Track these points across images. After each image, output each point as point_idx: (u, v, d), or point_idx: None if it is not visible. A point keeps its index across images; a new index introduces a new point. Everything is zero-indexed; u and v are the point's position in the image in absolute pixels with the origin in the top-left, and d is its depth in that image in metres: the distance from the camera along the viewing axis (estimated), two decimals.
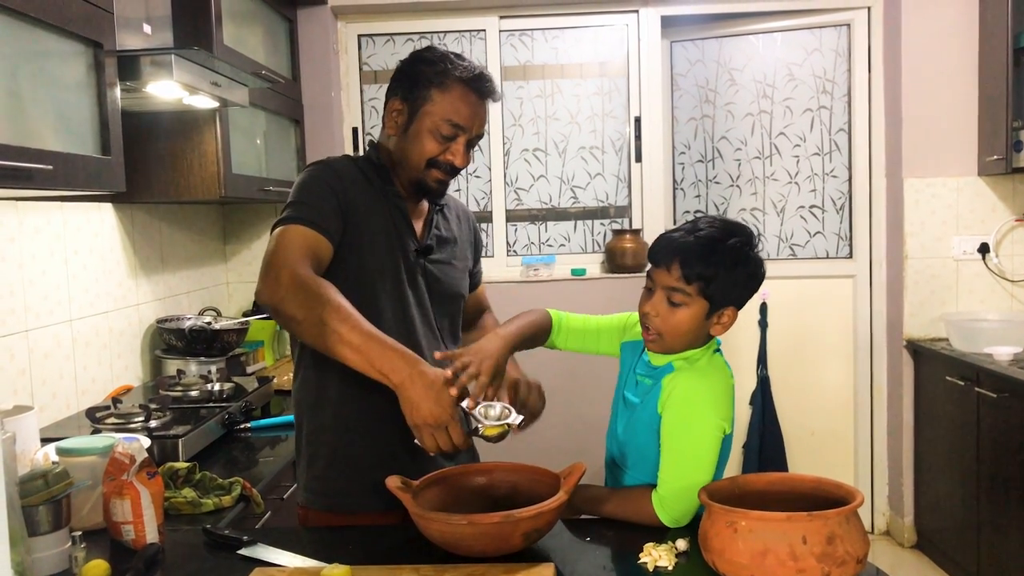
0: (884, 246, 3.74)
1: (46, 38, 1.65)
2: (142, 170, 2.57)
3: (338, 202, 1.56)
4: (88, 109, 1.80)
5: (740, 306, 1.49)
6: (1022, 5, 3.20)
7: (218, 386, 2.50)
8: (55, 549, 1.36)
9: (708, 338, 1.50)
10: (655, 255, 1.48)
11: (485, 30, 3.76)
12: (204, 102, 2.41)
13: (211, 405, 2.35)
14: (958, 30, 3.49)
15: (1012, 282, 3.57)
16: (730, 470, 1.52)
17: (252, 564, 1.34)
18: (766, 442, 3.84)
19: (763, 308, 3.88)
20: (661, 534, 1.40)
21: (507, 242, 3.85)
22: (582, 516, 1.52)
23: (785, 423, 3.88)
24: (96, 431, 2.02)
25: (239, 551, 1.40)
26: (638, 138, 3.78)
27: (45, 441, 1.80)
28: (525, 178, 3.83)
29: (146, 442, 1.79)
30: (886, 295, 3.73)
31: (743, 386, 3.87)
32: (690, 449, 1.42)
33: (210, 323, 2.82)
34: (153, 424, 2.06)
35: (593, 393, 3.11)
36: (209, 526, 1.50)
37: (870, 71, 3.72)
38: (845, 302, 3.86)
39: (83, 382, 2.41)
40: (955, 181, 3.56)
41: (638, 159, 3.80)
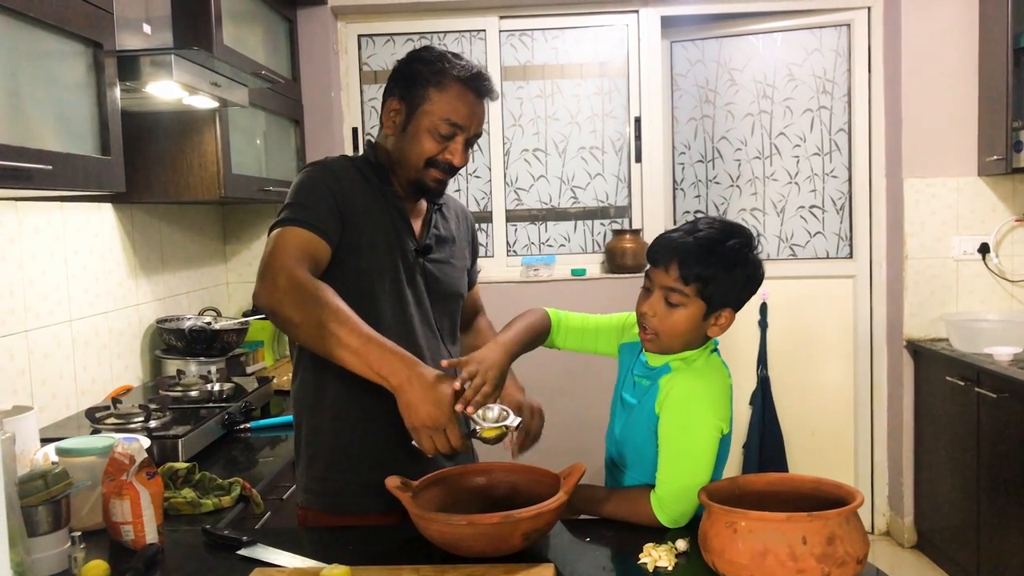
0: (884, 246, 3.73)
1: (46, 38, 1.65)
2: (142, 170, 2.57)
3: (335, 203, 1.55)
4: (88, 109, 1.80)
5: (738, 308, 1.49)
6: (1022, 5, 3.20)
7: (218, 386, 2.50)
8: (54, 549, 1.36)
9: (706, 339, 1.50)
10: (653, 255, 1.48)
11: (485, 30, 3.76)
12: (204, 102, 2.41)
13: (211, 405, 2.35)
14: (958, 30, 3.49)
15: (1012, 282, 3.57)
16: (730, 470, 1.52)
17: (252, 564, 1.35)
18: (766, 442, 3.84)
19: (763, 308, 3.88)
20: (661, 534, 1.40)
21: (507, 242, 3.85)
22: (582, 516, 1.52)
23: (785, 423, 3.88)
24: (96, 431, 2.02)
25: (239, 551, 1.40)
26: (638, 138, 3.78)
27: (45, 441, 1.81)
28: (525, 178, 3.83)
29: (146, 442, 1.79)
30: (886, 295, 3.73)
31: (743, 386, 3.87)
32: (688, 450, 1.42)
33: (210, 323, 2.82)
34: (153, 424, 2.06)
35: (593, 393, 3.11)
36: (209, 526, 1.50)
37: (870, 71, 3.72)
38: (845, 302, 3.86)
39: (83, 382, 2.41)
40: (955, 181, 3.56)
41: (638, 159, 3.80)
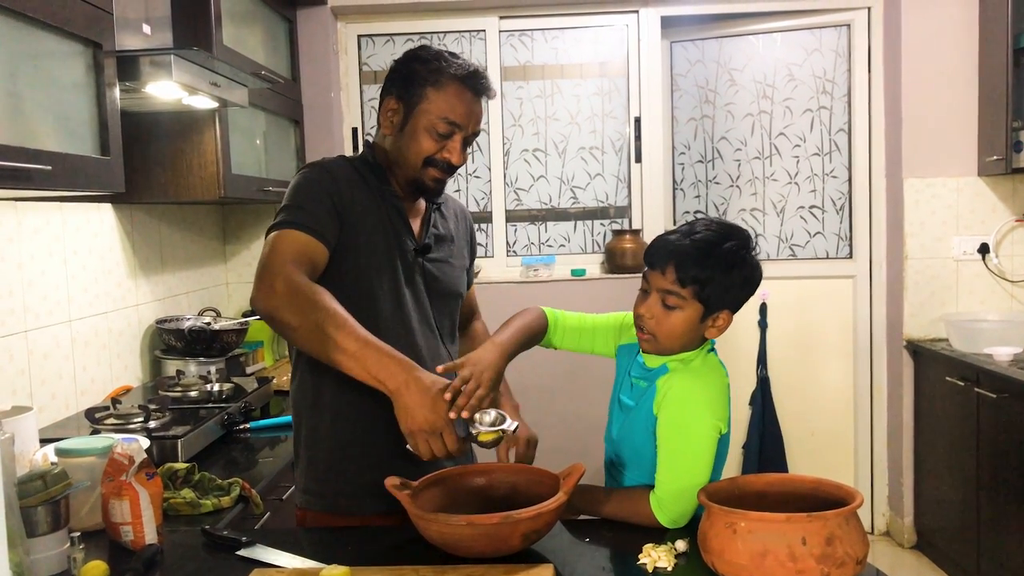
0: (884, 246, 3.73)
1: (45, 38, 1.65)
2: (141, 170, 2.57)
3: (333, 204, 1.55)
4: (87, 109, 1.80)
5: (736, 309, 1.48)
6: (1022, 5, 3.20)
7: (217, 387, 2.50)
8: (54, 550, 1.36)
9: (703, 340, 1.50)
10: (651, 257, 1.48)
11: (485, 30, 3.76)
12: (203, 102, 2.41)
13: (210, 406, 2.35)
14: (958, 30, 3.49)
15: (1012, 282, 3.57)
16: (730, 470, 1.51)
17: (251, 565, 1.34)
18: (766, 442, 3.84)
19: (763, 308, 3.88)
20: (660, 535, 1.40)
21: (507, 242, 3.85)
22: (581, 517, 1.52)
23: (785, 423, 3.88)
24: (95, 432, 2.02)
25: (238, 552, 1.40)
26: (638, 138, 3.78)
27: (44, 442, 1.80)
28: (525, 178, 3.83)
29: (145, 443, 1.79)
30: (886, 295, 3.73)
31: (743, 386, 3.87)
32: (686, 450, 1.42)
33: (209, 323, 2.82)
34: (152, 425, 2.06)
35: (593, 393, 3.11)
36: (208, 527, 1.50)
37: (870, 71, 3.72)
38: (845, 302, 3.85)
39: (82, 382, 2.41)
40: (955, 181, 3.56)
41: (638, 159, 3.80)
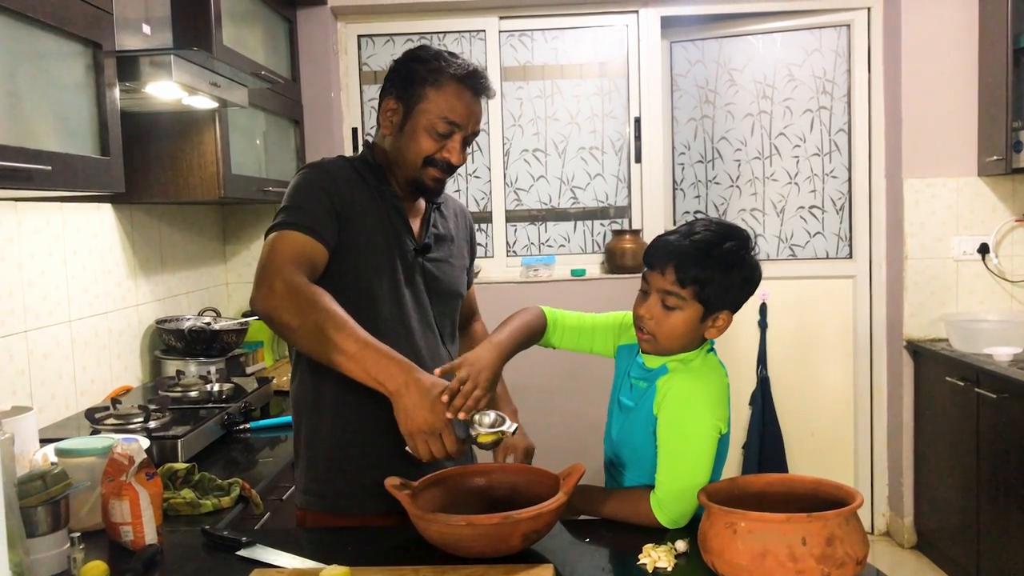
0: (884, 246, 3.73)
1: (45, 38, 1.65)
2: (141, 171, 2.57)
3: (332, 204, 1.55)
4: (87, 110, 1.80)
5: (736, 309, 1.49)
6: (1022, 5, 3.20)
7: (217, 387, 2.50)
8: (54, 550, 1.36)
9: (703, 340, 1.50)
10: (650, 258, 1.48)
11: (485, 30, 3.76)
12: (203, 102, 2.41)
13: (210, 406, 2.35)
14: (958, 30, 3.49)
15: (1012, 282, 3.57)
16: (729, 471, 1.52)
17: (251, 565, 1.34)
18: (766, 443, 3.84)
19: (763, 309, 3.88)
20: (660, 535, 1.40)
21: (507, 243, 3.85)
22: (581, 517, 1.52)
23: (785, 424, 3.88)
24: (95, 432, 2.02)
25: (238, 552, 1.40)
26: (638, 138, 3.78)
27: (44, 442, 1.81)
28: (525, 178, 3.83)
29: (145, 443, 1.79)
30: (886, 296, 3.73)
31: (743, 387, 3.87)
32: (687, 450, 1.42)
33: (209, 324, 2.82)
34: (152, 425, 2.06)
35: (592, 393, 3.10)
36: (208, 527, 1.50)
37: (870, 71, 3.72)
38: (845, 303, 3.85)
39: (82, 383, 2.41)
40: (955, 181, 3.56)
41: (638, 159, 3.80)
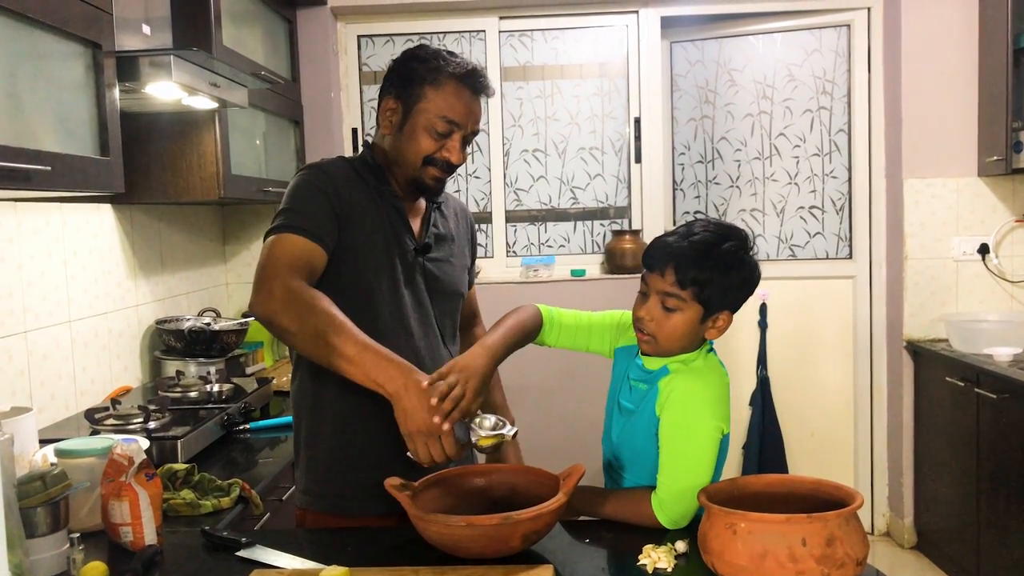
0: (884, 247, 3.73)
1: (45, 39, 1.65)
2: (141, 171, 2.57)
3: (331, 206, 1.54)
4: (87, 110, 1.80)
5: (735, 310, 1.49)
6: (1022, 5, 3.20)
7: (217, 387, 2.50)
8: (53, 551, 1.36)
9: (703, 341, 1.50)
10: (649, 259, 1.48)
11: (485, 31, 3.76)
12: (203, 103, 2.41)
13: (210, 406, 2.35)
14: (958, 30, 3.49)
15: (1012, 283, 3.57)
16: (729, 471, 1.51)
17: (251, 566, 1.34)
18: (766, 443, 3.84)
19: (763, 309, 3.88)
20: (660, 536, 1.40)
21: (507, 243, 3.85)
22: (581, 518, 1.51)
23: (785, 424, 3.88)
24: (95, 432, 2.02)
25: (238, 553, 1.40)
26: (638, 139, 3.78)
27: (44, 442, 1.81)
28: (525, 179, 3.83)
29: (145, 443, 1.79)
30: (886, 296, 3.73)
31: (743, 387, 3.87)
32: (689, 451, 1.42)
33: (209, 324, 2.82)
34: (152, 425, 2.06)
35: (593, 393, 3.09)
36: (208, 528, 1.50)
37: (870, 71, 3.72)
38: (845, 303, 3.85)
39: (82, 383, 2.40)
40: (955, 182, 3.55)
41: (638, 160, 3.80)
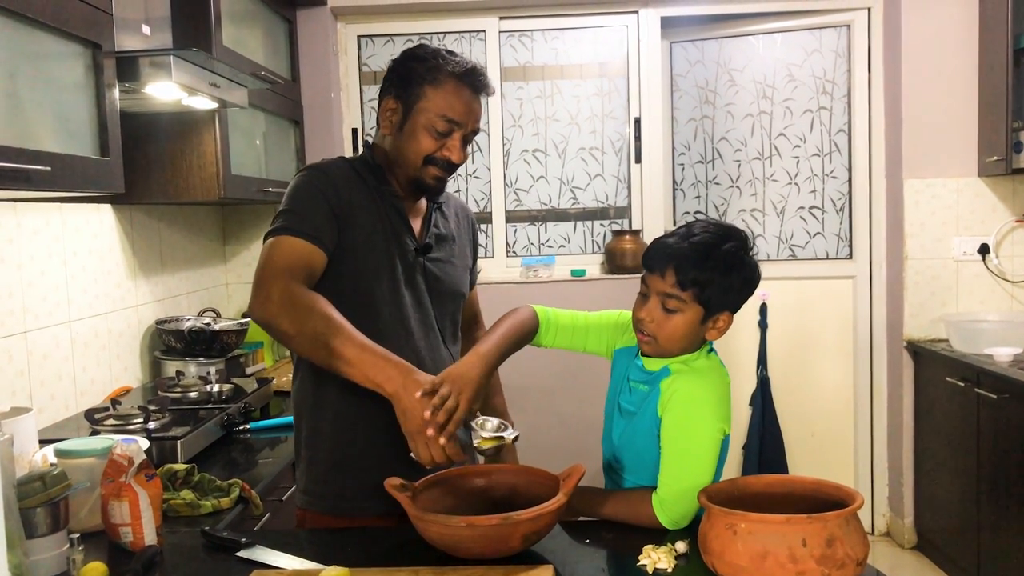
0: (884, 247, 3.73)
1: (45, 39, 1.65)
2: (141, 171, 2.57)
3: (330, 208, 1.54)
4: (87, 110, 1.80)
5: (735, 310, 1.49)
6: (1022, 5, 3.20)
7: (217, 387, 2.50)
8: (53, 551, 1.36)
9: (703, 342, 1.50)
10: (649, 261, 1.48)
11: (485, 31, 3.76)
12: (203, 103, 2.41)
13: (210, 406, 2.35)
14: (958, 30, 3.49)
15: (1012, 283, 3.57)
16: (729, 471, 1.51)
17: (251, 566, 1.34)
18: (766, 443, 3.84)
19: (763, 309, 3.88)
20: (660, 536, 1.40)
21: (507, 243, 3.85)
22: (581, 518, 1.51)
23: (785, 424, 3.88)
24: (95, 432, 2.02)
25: (237, 553, 1.40)
26: (638, 139, 3.78)
27: (43, 443, 1.81)
28: (525, 179, 3.83)
29: (145, 444, 1.79)
30: (886, 296, 3.73)
31: (743, 387, 3.86)
32: (691, 451, 1.42)
33: (209, 324, 2.81)
34: (152, 425, 2.06)
35: (592, 394, 3.09)
36: (208, 528, 1.50)
37: (870, 72, 3.72)
38: (845, 303, 3.85)
39: (82, 383, 2.40)
40: (955, 182, 3.55)
41: (638, 160, 3.79)
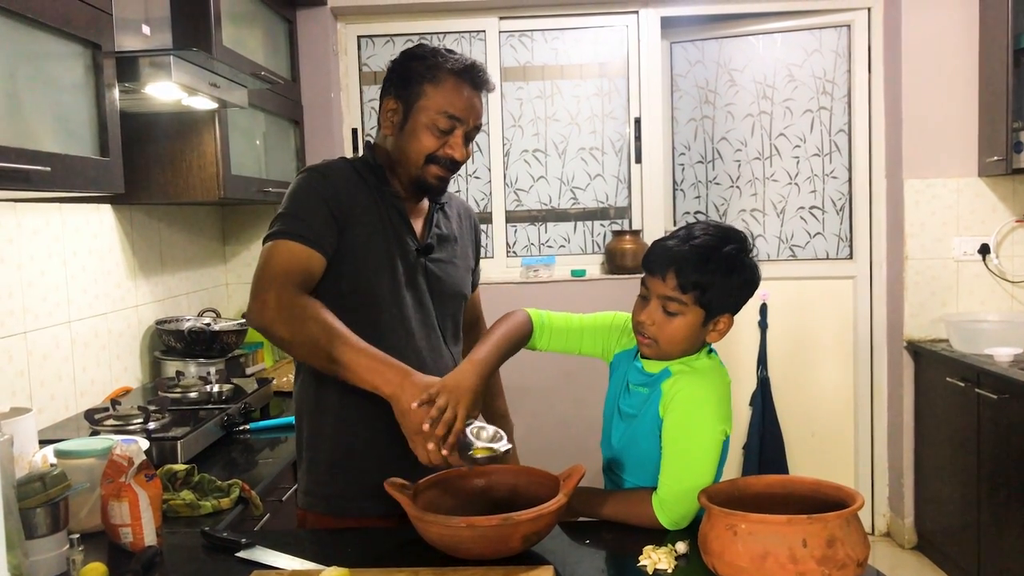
0: (884, 247, 3.73)
1: (45, 39, 1.65)
2: (141, 171, 2.57)
3: (329, 210, 1.54)
4: (86, 110, 1.80)
5: (736, 312, 1.49)
6: (1022, 5, 3.20)
7: (217, 387, 2.50)
8: (53, 552, 1.36)
9: (703, 344, 1.50)
10: (650, 264, 1.48)
11: (485, 31, 3.76)
12: (203, 103, 2.41)
13: (210, 407, 2.35)
14: (958, 30, 3.49)
15: (1012, 283, 3.57)
16: (730, 472, 1.51)
17: (250, 567, 1.34)
18: (766, 443, 3.84)
19: (763, 309, 3.88)
20: (660, 537, 1.40)
21: (507, 243, 3.85)
22: (581, 519, 1.51)
23: (785, 424, 3.88)
24: (95, 433, 2.02)
25: (237, 554, 1.40)
26: (638, 139, 3.78)
27: (43, 443, 1.80)
28: (525, 179, 3.83)
29: (144, 444, 1.79)
30: (886, 296, 3.73)
31: (743, 387, 3.86)
32: (692, 452, 1.42)
33: (209, 324, 2.81)
34: (152, 426, 2.06)
35: (592, 394, 3.09)
36: (207, 528, 1.50)
37: (870, 72, 3.72)
38: (845, 303, 3.85)
39: (82, 384, 2.40)
40: (955, 182, 3.55)
41: (638, 160, 3.79)
